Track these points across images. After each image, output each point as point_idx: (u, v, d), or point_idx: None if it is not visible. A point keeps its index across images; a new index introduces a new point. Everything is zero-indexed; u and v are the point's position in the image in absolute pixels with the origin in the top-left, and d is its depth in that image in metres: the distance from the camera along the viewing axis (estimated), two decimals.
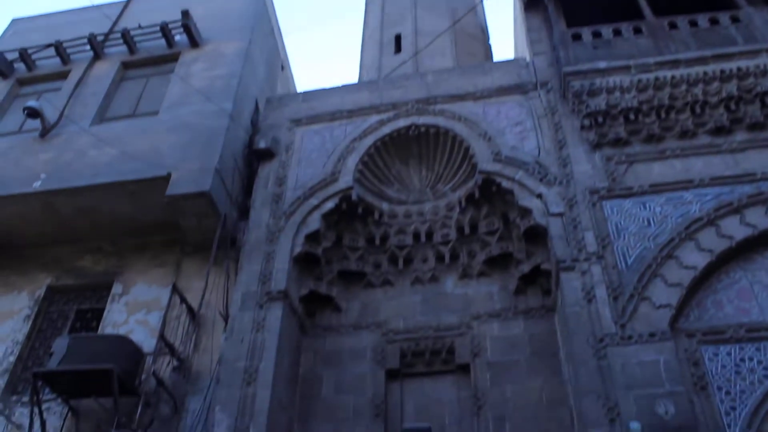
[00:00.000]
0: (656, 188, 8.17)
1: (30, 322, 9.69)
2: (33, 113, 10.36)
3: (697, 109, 8.72)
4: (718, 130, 8.58)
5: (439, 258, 9.13)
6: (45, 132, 10.53)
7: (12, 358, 9.30)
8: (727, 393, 6.67)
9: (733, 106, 8.64)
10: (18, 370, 9.27)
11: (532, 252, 8.58)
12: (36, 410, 8.00)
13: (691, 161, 8.38)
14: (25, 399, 8.64)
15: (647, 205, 8.04)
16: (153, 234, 10.01)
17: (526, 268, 8.54)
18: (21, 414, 8.55)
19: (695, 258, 7.46)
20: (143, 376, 8.21)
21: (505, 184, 8.76)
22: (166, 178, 9.25)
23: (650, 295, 7.26)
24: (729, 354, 6.91)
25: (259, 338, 7.98)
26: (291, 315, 8.52)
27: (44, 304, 9.96)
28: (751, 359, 6.82)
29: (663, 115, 8.79)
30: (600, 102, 8.91)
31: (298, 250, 8.81)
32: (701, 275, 7.38)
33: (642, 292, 7.30)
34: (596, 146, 8.75)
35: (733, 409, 6.57)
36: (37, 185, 9.71)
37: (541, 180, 8.61)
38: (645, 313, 7.14)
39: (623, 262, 7.60)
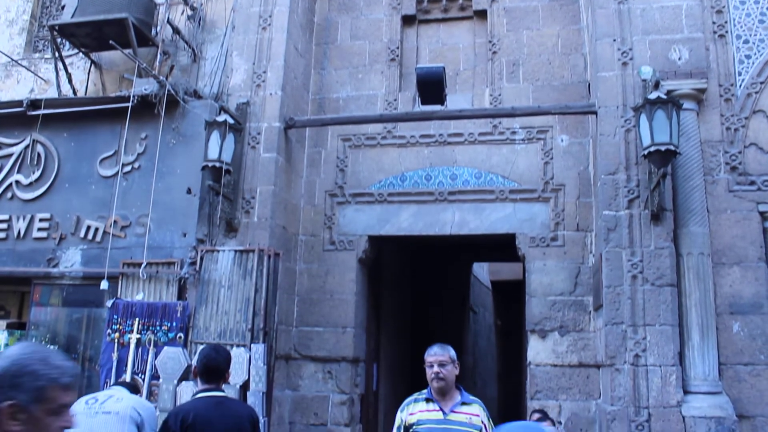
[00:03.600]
0: None
1: None
2: None
3: None
4: None
5: None
6: None
7: (26, 17, 9.26)
8: (746, 42, 6.54)
9: None
10: (35, 29, 9.31)
11: None
12: (60, 65, 8.19)
13: None
14: (48, 55, 8.75)
15: None
16: None
17: None
18: (47, 70, 8.72)
19: None
20: (159, 27, 8.20)
21: None
22: None
23: None
24: (757, 2, 6.66)
25: None
26: None
27: None
28: None
29: None
30: None
31: None
32: None
33: None
34: None
35: (748, 57, 6.49)
36: None
37: None
38: None
39: None
